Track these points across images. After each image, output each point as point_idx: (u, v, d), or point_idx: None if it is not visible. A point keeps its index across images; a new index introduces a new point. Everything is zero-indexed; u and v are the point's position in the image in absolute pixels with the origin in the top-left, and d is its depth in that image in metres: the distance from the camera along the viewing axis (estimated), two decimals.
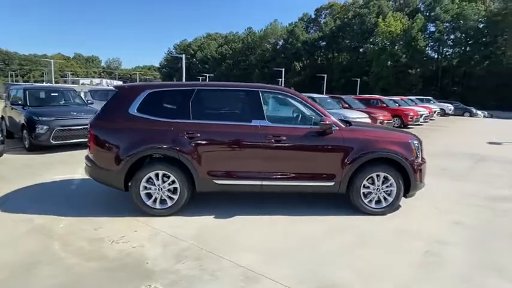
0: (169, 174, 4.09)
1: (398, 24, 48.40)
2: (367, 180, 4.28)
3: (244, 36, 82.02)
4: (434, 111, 20.67)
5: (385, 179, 4.31)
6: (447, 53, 52.84)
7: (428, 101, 25.14)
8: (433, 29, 50.75)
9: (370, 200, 4.35)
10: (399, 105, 17.39)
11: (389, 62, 49.26)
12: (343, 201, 4.58)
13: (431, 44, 51.60)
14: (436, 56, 53.16)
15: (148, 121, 4.11)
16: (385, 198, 4.36)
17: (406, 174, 4.28)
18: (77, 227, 3.82)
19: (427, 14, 51.00)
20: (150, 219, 4.06)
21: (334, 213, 4.36)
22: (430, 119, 19.11)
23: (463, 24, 47.62)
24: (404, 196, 4.42)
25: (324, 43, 65.68)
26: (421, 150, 4.53)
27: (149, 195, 4.14)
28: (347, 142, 4.21)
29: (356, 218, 4.24)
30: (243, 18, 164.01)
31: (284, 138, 4.14)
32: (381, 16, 51.81)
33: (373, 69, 51.30)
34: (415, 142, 4.43)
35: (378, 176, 4.29)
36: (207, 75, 60.30)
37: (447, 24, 49.55)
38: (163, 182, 4.11)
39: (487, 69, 45.11)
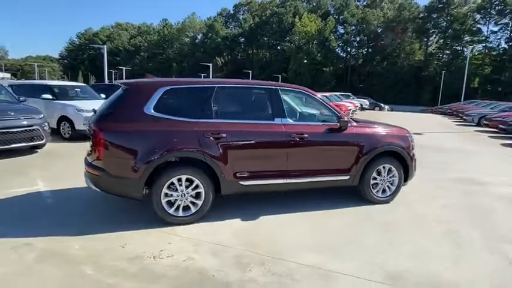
0: (192, 178, 3.80)
1: (313, 25, 52.13)
2: (374, 172, 4.65)
3: (160, 28, 78.22)
4: (357, 106, 23.01)
5: (389, 170, 4.74)
6: (353, 53, 59.07)
7: (348, 96, 27.84)
8: (342, 31, 56.17)
9: (377, 190, 4.73)
10: (330, 101, 18.87)
11: (305, 60, 52.70)
12: (345, 193, 4.88)
13: (341, 44, 57.09)
14: (345, 56, 58.91)
15: (170, 121, 3.74)
16: (388, 188, 4.79)
17: (405, 165, 4.78)
18: (97, 246, 3.29)
19: (337, 17, 56.07)
20: (174, 228, 3.73)
21: (345, 205, 4.60)
22: (355, 113, 21.21)
23: (366, 28, 53.77)
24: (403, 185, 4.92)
25: (244, 39, 66.82)
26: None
27: (170, 203, 3.79)
28: (360, 137, 4.49)
29: (367, 207, 4.56)
30: (157, 8, 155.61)
31: (306, 135, 4.20)
32: (297, 16, 55.00)
33: (291, 67, 54.29)
34: (411, 136, 4.96)
35: (383, 167, 4.69)
36: (123, 68, 55.77)
37: (353, 27, 55.36)
38: (186, 187, 3.80)
39: (386, 69, 52.01)
